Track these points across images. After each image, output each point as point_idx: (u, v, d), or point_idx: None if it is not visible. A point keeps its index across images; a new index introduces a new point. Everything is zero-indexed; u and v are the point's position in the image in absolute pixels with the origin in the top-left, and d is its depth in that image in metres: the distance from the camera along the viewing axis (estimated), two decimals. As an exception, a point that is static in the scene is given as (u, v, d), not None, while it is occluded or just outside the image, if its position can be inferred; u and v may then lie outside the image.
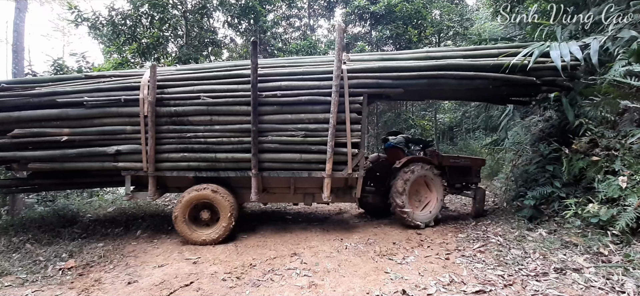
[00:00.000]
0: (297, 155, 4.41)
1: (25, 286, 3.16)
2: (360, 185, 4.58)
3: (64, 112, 4.31)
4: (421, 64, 4.47)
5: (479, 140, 11.33)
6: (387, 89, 4.43)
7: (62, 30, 19.57)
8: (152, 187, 4.42)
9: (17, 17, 7.90)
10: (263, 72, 4.43)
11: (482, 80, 4.43)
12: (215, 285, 3.11)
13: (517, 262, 3.44)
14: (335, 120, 4.25)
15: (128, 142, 4.37)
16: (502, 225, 4.72)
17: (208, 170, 4.45)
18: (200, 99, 4.32)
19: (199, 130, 4.38)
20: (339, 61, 4.22)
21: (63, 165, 4.44)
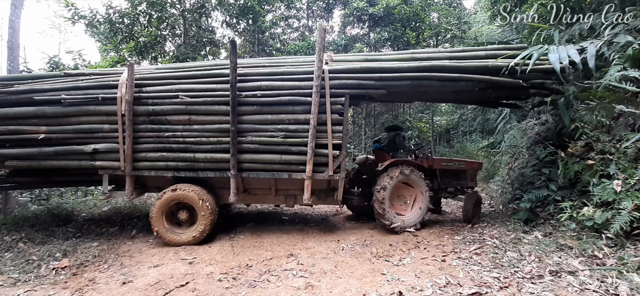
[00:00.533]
0: (277, 156, 4.36)
1: (18, 286, 3.12)
2: (342, 187, 4.51)
3: (41, 109, 4.31)
4: (404, 65, 4.40)
5: (475, 143, 11.38)
6: (369, 90, 4.37)
7: (58, 28, 19.42)
8: (130, 186, 4.39)
9: (13, 14, 7.82)
10: (243, 71, 4.40)
11: (467, 82, 4.36)
12: (211, 285, 3.09)
13: (512, 264, 3.45)
14: (316, 121, 4.22)
15: (106, 141, 4.36)
16: (498, 228, 4.74)
17: (186, 170, 4.42)
18: (179, 98, 4.29)
19: (178, 130, 4.35)
20: (320, 61, 4.19)
21: (40, 163, 4.42)
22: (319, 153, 4.31)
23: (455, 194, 5.49)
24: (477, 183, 5.56)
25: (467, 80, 4.35)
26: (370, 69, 4.39)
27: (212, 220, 4.27)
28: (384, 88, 4.34)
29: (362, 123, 13.13)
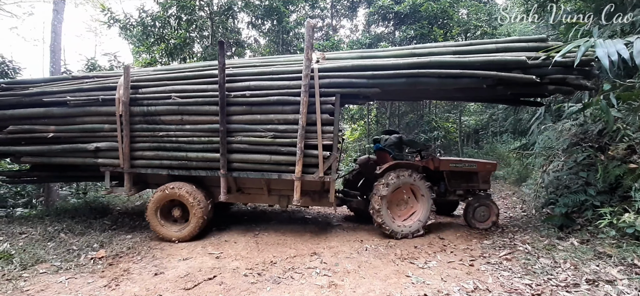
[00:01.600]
0: (267, 156, 4.33)
1: (60, 273, 3.34)
2: (334, 189, 4.39)
3: (50, 110, 4.61)
4: (399, 62, 4.14)
5: (506, 144, 10.92)
6: (361, 89, 4.18)
7: (94, 31, 20.57)
8: (128, 182, 4.59)
9: (55, 19, 8.37)
10: (232, 72, 4.43)
11: (470, 79, 4.00)
12: (237, 280, 3.17)
13: (546, 272, 3.28)
14: (305, 121, 4.12)
15: (106, 140, 4.57)
16: (530, 233, 4.53)
17: (180, 169, 4.53)
18: (171, 99, 4.39)
19: (171, 130, 4.46)
20: (308, 60, 4.09)
21: (50, 159, 4.77)
22: (309, 154, 4.22)
23: (466, 197, 5.18)
24: (490, 185, 5.25)
25: (470, 77, 3.99)
26: (362, 67, 4.20)
27: (204, 218, 4.34)
28: (378, 87, 4.13)
29: (386, 123, 12.95)
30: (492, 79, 3.98)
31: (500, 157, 10.34)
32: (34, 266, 3.43)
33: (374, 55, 4.46)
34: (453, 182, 5.03)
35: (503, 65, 3.97)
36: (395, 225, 4.45)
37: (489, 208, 4.99)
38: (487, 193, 5.14)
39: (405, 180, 4.48)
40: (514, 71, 3.96)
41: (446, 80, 4.05)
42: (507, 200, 7.03)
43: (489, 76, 3.96)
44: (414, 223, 4.51)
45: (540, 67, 3.93)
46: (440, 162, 4.94)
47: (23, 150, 4.75)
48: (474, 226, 4.90)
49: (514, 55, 3.95)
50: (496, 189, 8.12)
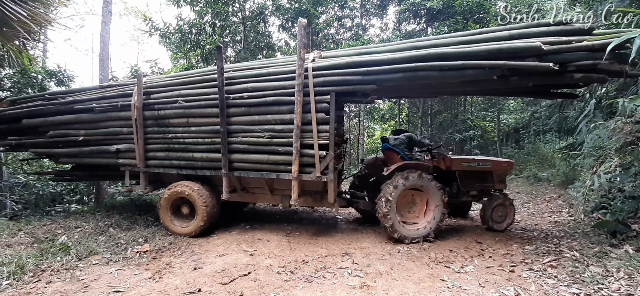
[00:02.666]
0: (265, 156, 4.39)
1: (110, 264, 3.61)
2: (332, 189, 4.31)
3: (80, 117, 5.09)
4: (395, 56, 3.95)
5: (550, 144, 10.24)
6: (357, 86, 4.05)
7: (137, 40, 22.05)
8: (143, 181, 4.93)
9: (103, 30, 9.05)
10: (230, 74, 4.57)
11: (475, 70, 3.66)
12: (271, 277, 3.25)
13: (596, 281, 3.05)
14: (300, 120, 4.11)
15: (125, 142, 4.95)
16: (578, 239, 4.22)
17: (187, 168, 4.78)
18: (178, 103, 4.64)
19: (178, 132, 4.72)
20: (301, 59, 4.07)
21: (81, 160, 5.32)
22: (305, 154, 4.21)
23: (481, 198, 4.91)
24: (506, 185, 4.96)
25: (475, 68, 3.65)
26: (357, 63, 4.08)
27: (210, 215, 4.54)
28: (374, 83, 3.97)
29: (418, 122, 12.63)
30: (500, 69, 3.61)
31: (543, 158, 9.72)
32: (88, 258, 3.74)
33: (371, 51, 4.32)
34: (466, 182, 4.76)
35: (514, 53, 3.57)
36: (405, 229, 4.25)
37: (506, 208, 4.77)
38: (503, 194, 4.87)
39: (413, 182, 4.26)
40: (528, 59, 3.54)
41: (448, 73, 3.75)
42: (552, 203, 6.58)
43: (497, 65, 3.59)
44: (425, 227, 4.30)
45: (562, 52, 3.50)
46: (452, 161, 4.69)
47: (60, 152, 5.35)
48: (492, 228, 4.69)
49: (526, 42, 3.55)
50: (539, 191, 7.64)
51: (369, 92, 4.11)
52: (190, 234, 4.53)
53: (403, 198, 4.42)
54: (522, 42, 3.57)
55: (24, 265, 3.35)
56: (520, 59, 3.55)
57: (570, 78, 3.64)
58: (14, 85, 7.52)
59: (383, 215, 4.20)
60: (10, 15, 4.57)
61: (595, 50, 3.42)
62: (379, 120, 15.40)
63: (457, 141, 11.34)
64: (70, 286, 3.05)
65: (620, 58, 3.52)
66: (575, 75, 3.59)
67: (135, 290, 2.99)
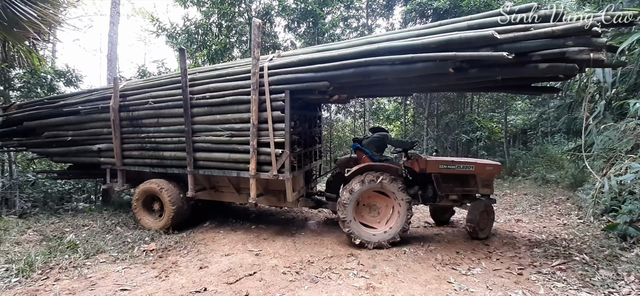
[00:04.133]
0: (227, 155, 4.46)
1: (117, 263, 3.64)
2: (290, 187, 4.29)
3: (68, 119, 5.41)
4: (344, 52, 3.85)
5: (559, 145, 10.10)
6: (310, 84, 3.97)
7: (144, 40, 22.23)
8: (121, 179, 5.17)
9: (111, 30, 9.16)
10: (194, 76, 4.69)
11: (425, 62, 3.45)
12: (276, 277, 3.24)
13: (606, 284, 3.00)
14: (257, 118, 4.14)
15: (106, 142, 5.20)
16: (588, 242, 4.16)
17: (158, 167, 4.96)
18: (148, 104, 4.83)
19: (150, 131, 4.92)
20: (255, 58, 4.10)
21: (70, 159, 5.72)
22: (262, 153, 4.24)
23: (462, 203, 4.57)
24: (493, 190, 4.60)
25: (425, 61, 3.44)
26: (309, 60, 4.04)
27: (178, 212, 4.70)
28: (326, 80, 3.88)
29: (423, 123, 12.56)
30: (453, 61, 3.35)
31: (551, 159, 9.58)
32: (95, 256, 3.78)
33: (324, 49, 4.22)
34: (444, 186, 4.44)
35: (466, 43, 3.32)
36: (367, 234, 4.10)
37: (488, 214, 4.48)
38: (490, 199, 4.56)
39: (371, 186, 4.07)
40: (482, 49, 3.27)
41: (399, 67, 3.57)
42: (560, 205, 6.49)
43: (446, 57, 3.34)
44: (388, 231, 4.11)
45: (519, 41, 3.19)
46: (427, 163, 4.41)
47: (54, 151, 5.70)
48: (476, 235, 4.35)
49: (478, 31, 3.30)
50: (548, 194, 7.54)
51: (324, 89, 3.98)
52: (163, 227, 4.68)
53: (368, 200, 4.31)
54: (474, 32, 3.34)
55: (32, 262, 3.40)
56: (474, 50, 3.30)
57: (535, 68, 3.31)
58: (24, 85, 7.63)
59: (341, 219, 4.09)
60: (20, 16, 4.64)
61: (556, 36, 3.10)
62: (385, 120, 15.33)
63: (464, 142, 11.24)
64: (78, 284, 3.08)
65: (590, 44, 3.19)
66: (540, 65, 3.27)
67: (142, 289, 3.01)
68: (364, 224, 4.25)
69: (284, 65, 4.17)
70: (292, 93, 4.10)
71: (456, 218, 5.44)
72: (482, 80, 3.83)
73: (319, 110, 5.64)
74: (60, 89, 8.16)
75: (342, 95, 4.46)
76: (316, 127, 5.47)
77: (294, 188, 4.46)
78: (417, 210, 6.02)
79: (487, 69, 3.50)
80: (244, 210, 6.01)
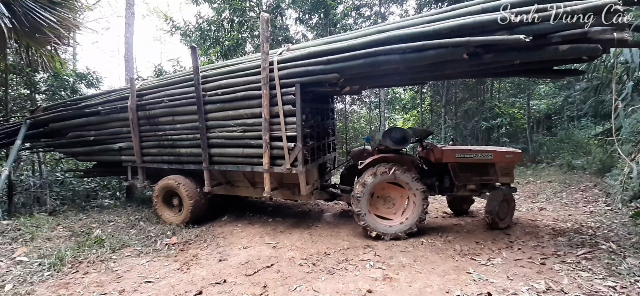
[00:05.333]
0: (240, 150, 4.52)
1: (141, 256, 3.78)
2: (304, 181, 4.28)
3: (89, 119, 5.62)
4: (354, 42, 3.77)
5: (585, 130, 9.66)
6: (320, 76, 3.92)
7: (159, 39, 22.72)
8: (141, 175, 5.35)
9: (127, 31, 9.38)
10: (206, 73, 4.75)
11: (437, 50, 3.33)
12: (293, 269, 3.29)
13: (634, 273, 2.88)
14: (268, 113, 4.16)
15: (126, 140, 5.36)
16: (615, 230, 3.99)
17: (175, 164, 5.09)
18: (164, 102, 4.94)
19: (167, 129, 5.04)
20: (265, 52, 4.08)
21: (94, 157, 6.00)
22: (275, 147, 4.26)
23: (481, 192, 4.42)
24: (513, 179, 4.45)
25: (437, 48, 3.32)
26: (318, 53, 3.99)
27: (196, 207, 4.80)
28: (336, 72, 3.82)
29: (441, 111, 12.29)
30: (465, 47, 3.21)
31: (578, 145, 9.19)
32: (121, 250, 3.93)
33: (336, 40, 4.14)
34: (461, 176, 4.32)
35: (479, 27, 3.20)
36: (383, 226, 4.07)
37: (508, 203, 4.34)
38: (510, 188, 4.43)
39: (383, 177, 4.02)
40: (498, 33, 3.15)
41: (410, 55, 3.46)
42: (587, 192, 6.23)
43: (459, 43, 3.20)
44: (404, 222, 4.05)
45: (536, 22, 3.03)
46: (443, 152, 4.28)
47: (78, 151, 5.97)
48: (496, 225, 4.26)
49: (492, 15, 3.16)
50: (574, 180, 7.25)
51: (335, 81, 3.95)
52: (183, 222, 4.80)
53: (382, 192, 4.26)
54: (488, 15, 3.20)
55: (63, 257, 3.58)
56: (488, 34, 3.18)
57: (555, 51, 3.15)
58: (48, 88, 7.97)
59: (355, 213, 4.09)
60: (41, 22, 4.82)
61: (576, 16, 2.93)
62: (400, 110, 15.10)
63: (484, 130, 10.93)
64: (105, 277, 3.22)
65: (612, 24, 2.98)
66: (560, 47, 3.12)
67: (165, 281, 3.12)
68: (380, 216, 4.22)
69: (293, 59, 4.16)
70: (302, 87, 4.09)
71: (475, 208, 5.31)
72: (499, 65, 3.67)
73: (332, 102, 5.61)
74: (82, 91, 8.47)
75: (353, 87, 4.41)
76: (329, 119, 5.45)
77: (308, 181, 4.48)
78: (435, 201, 5.93)
79: (504, 53, 3.37)
80: (261, 204, 6.09)
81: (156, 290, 2.92)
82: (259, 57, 4.41)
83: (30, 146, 6.70)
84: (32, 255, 3.68)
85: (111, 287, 3.01)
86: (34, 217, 5.19)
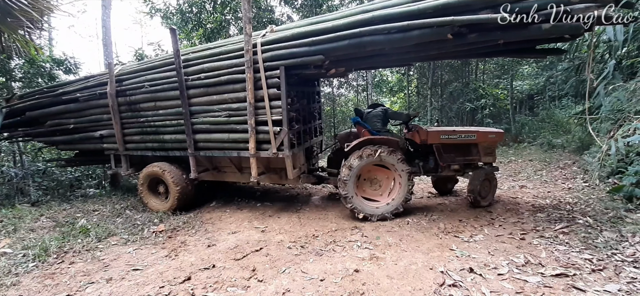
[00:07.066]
0: (226, 135, 4.44)
1: (128, 245, 3.75)
2: (290, 165, 4.26)
3: (68, 107, 5.41)
4: (338, 23, 3.69)
5: (566, 109, 9.92)
6: (304, 58, 3.83)
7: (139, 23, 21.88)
8: (125, 163, 5.25)
9: (104, 14, 9.01)
10: (187, 57, 4.60)
11: (421, 30, 3.29)
12: (282, 252, 3.33)
13: (609, 246, 3.02)
14: (253, 97, 4.08)
15: (107, 128, 5.22)
16: (592, 205, 4.16)
17: (160, 150, 4.99)
18: (144, 88, 4.79)
19: (149, 115, 4.90)
20: (248, 34, 3.97)
21: (75, 146, 5.77)
22: (261, 131, 4.20)
23: (465, 172, 4.56)
24: (495, 158, 4.56)
25: (421, 28, 3.28)
26: (302, 34, 3.89)
27: (183, 193, 4.75)
28: (321, 53, 3.75)
29: (428, 93, 12.37)
30: (450, 27, 3.20)
31: (558, 124, 9.45)
32: (107, 239, 3.89)
33: (321, 20, 4.02)
34: (446, 156, 4.41)
35: (465, 6, 3.20)
36: (370, 207, 4.13)
37: (490, 182, 4.48)
38: (492, 167, 4.55)
39: (369, 160, 4.06)
40: (482, 12, 3.15)
41: (395, 35, 3.41)
42: (566, 170, 6.45)
43: (442, 23, 3.19)
44: (391, 203, 4.13)
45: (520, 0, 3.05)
46: (427, 134, 4.38)
47: (58, 140, 5.78)
48: (478, 203, 4.41)
49: None
50: (554, 158, 7.48)
51: (320, 63, 3.86)
52: (170, 209, 4.76)
53: (369, 174, 4.30)
54: None
55: (47, 247, 3.52)
56: (473, 13, 3.18)
57: (538, 29, 3.16)
58: (24, 75, 7.63)
59: (342, 196, 4.12)
60: (12, 5, 4.58)
61: None
62: (388, 93, 15.13)
63: (469, 111, 11.10)
64: (92, 266, 3.19)
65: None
66: (543, 26, 3.12)
67: (153, 268, 3.11)
68: (367, 198, 4.29)
69: (277, 41, 4.06)
70: (287, 69, 4.01)
71: (459, 187, 5.45)
72: (483, 45, 3.67)
73: (318, 85, 5.56)
74: (61, 78, 8.15)
75: (339, 69, 4.34)
76: (315, 103, 5.41)
77: (295, 165, 4.47)
78: (420, 181, 6.05)
79: (488, 33, 3.36)
80: (249, 189, 6.09)
81: (144, 278, 2.92)
82: (243, 39, 4.29)
83: (7, 136, 6.46)
84: (15, 246, 3.61)
85: (98, 276, 2.99)
86: (16, 208, 5.06)
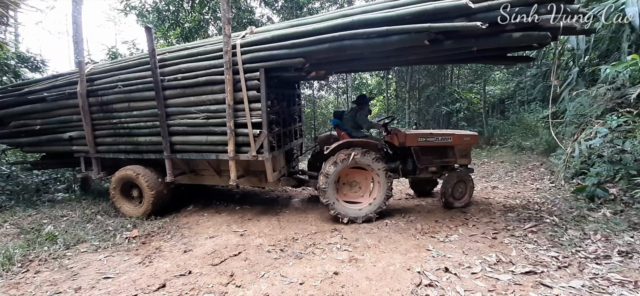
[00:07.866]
0: (204, 137, 4.36)
1: (99, 252, 3.59)
2: (270, 168, 4.23)
3: (34, 107, 5.16)
4: (318, 26, 3.71)
5: (534, 113, 10.42)
6: (285, 61, 3.84)
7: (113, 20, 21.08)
8: (96, 166, 5.03)
9: (75, 10, 8.62)
10: (164, 56, 4.51)
11: (400, 35, 3.36)
12: (261, 255, 3.29)
13: (574, 244, 3.20)
14: (232, 99, 4.04)
15: (76, 129, 5.01)
16: (558, 205, 4.39)
17: (133, 153, 4.81)
18: (118, 88, 4.63)
19: (122, 116, 4.74)
20: (227, 35, 3.94)
21: (42, 148, 5.49)
22: (240, 133, 4.16)
23: (441, 174, 4.72)
24: (471, 160, 4.73)
25: (400, 34, 3.35)
26: (283, 36, 3.88)
27: (158, 198, 4.61)
28: (302, 56, 3.76)
29: (406, 97, 12.65)
30: (427, 33, 3.29)
31: (527, 127, 9.90)
32: (76, 246, 3.71)
33: (301, 23, 4.02)
34: (423, 159, 4.55)
35: (441, 13, 3.27)
36: (353, 210, 4.18)
37: (466, 184, 4.65)
38: (468, 168, 4.71)
39: (344, 164, 4.10)
40: (457, 19, 3.25)
41: (374, 40, 3.47)
42: (535, 171, 6.78)
43: (420, 29, 3.26)
44: (373, 202, 4.20)
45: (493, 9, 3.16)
46: (406, 136, 4.51)
47: (23, 142, 5.49)
48: (450, 205, 4.57)
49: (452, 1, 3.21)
50: (523, 160, 7.84)
51: (300, 66, 3.88)
52: (144, 214, 4.60)
53: (348, 177, 4.35)
54: (448, 1, 3.24)
55: (11, 256, 3.32)
56: (449, 20, 3.26)
57: (509, 38, 3.30)
58: (-15, 72, 7.16)
59: (325, 204, 4.14)
60: (-29, -3, 4.29)
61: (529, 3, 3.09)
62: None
63: (444, 114, 11.44)
64: (59, 275, 3.04)
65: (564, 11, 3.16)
66: (514, 35, 3.27)
67: (126, 275, 3.00)
68: (349, 201, 4.32)
69: (257, 42, 4.01)
70: (267, 72, 3.98)
71: (438, 189, 5.60)
72: (458, 51, 3.82)
73: (298, 88, 5.56)
74: (27, 76, 7.71)
75: (319, 72, 4.35)
76: (295, 105, 5.40)
77: (275, 168, 4.44)
78: (399, 183, 6.16)
79: (462, 40, 3.48)
80: (228, 192, 5.99)
81: (116, 286, 2.81)
82: (221, 40, 4.22)
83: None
84: (-27, 256, 3.37)
85: (66, 285, 2.85)
86: (-27, 215, 4.73)
